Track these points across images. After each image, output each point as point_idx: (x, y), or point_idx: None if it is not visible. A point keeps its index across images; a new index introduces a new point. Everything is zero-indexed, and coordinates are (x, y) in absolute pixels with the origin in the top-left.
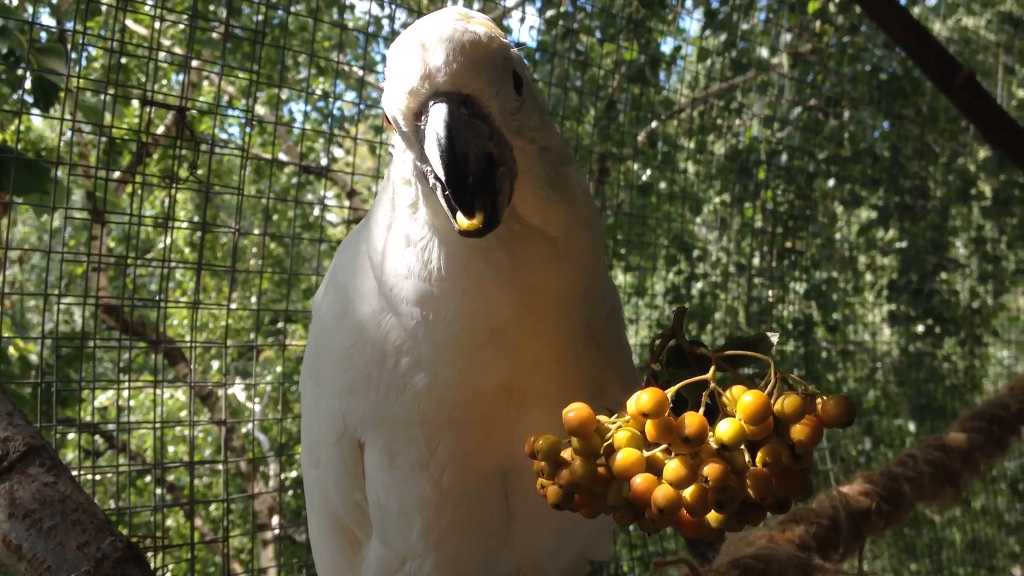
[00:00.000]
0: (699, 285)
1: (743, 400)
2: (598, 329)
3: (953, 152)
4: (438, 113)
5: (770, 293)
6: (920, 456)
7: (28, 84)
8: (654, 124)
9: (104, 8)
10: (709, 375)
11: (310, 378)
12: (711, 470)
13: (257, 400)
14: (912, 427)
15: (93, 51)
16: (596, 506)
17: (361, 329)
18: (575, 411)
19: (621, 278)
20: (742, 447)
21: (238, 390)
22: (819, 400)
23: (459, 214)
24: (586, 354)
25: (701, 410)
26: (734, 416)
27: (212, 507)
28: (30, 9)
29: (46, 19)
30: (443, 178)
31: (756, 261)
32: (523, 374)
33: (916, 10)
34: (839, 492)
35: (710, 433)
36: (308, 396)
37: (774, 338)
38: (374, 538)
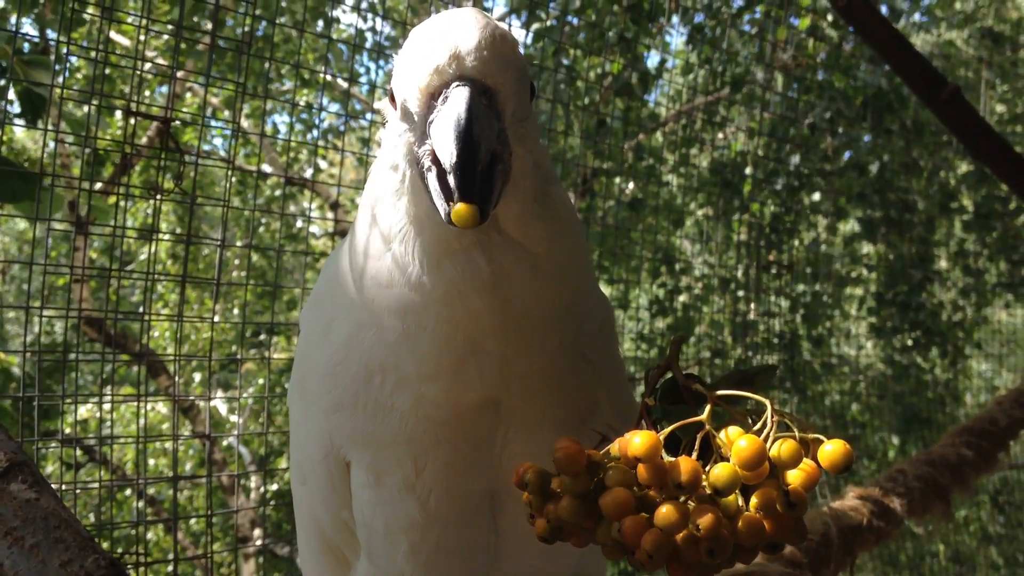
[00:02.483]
0: (682, 298)
1: (738, 445)
2: (587, 344)
3: (935, 166)
4: (460, 95)
5: (753, 306)
6: (910, 471)
7: (12, 95)
8: (640, 137)
9: (88, 18)
10: (704, 416)
11: (297, 394)
12: (703, 520)
13: (239, 413)
14: (896, 440)
15: (76, 61)
16: (585, 538)
17: (347, 346)
18: (563, 448)
19: (605, 291)
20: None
21: (219, 403)
22: (814, 442)
23: (453, 202)
24: (574, 371)
25: (695, 454)
26: (728, 460)
27: (192, 521)
28: (13, 20)
29: (28, 30)
30: (454, 159)
31: (739, 275)
32: (508, 391)
33: (898, 25)
34: (830, 508)
35: (703, 477)
36: (295, 412)
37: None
38: (362, 557)
